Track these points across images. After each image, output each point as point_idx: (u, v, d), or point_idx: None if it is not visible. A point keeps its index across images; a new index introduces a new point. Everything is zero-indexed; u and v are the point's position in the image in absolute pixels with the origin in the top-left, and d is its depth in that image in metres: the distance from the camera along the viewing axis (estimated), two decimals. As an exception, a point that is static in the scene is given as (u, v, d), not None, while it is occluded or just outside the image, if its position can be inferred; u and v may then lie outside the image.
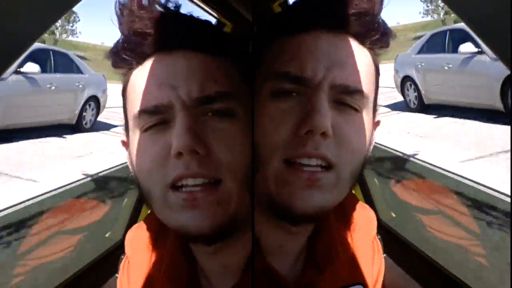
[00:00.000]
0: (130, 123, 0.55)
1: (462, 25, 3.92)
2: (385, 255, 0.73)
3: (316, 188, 0.49)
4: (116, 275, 0.70)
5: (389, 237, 0.85)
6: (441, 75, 4.29)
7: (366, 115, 0.55)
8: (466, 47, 4.07)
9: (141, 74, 0.54)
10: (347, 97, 0.52)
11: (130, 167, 0.58)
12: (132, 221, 0.90)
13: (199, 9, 0.82)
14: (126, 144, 0.59)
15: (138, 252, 0.63)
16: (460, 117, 4.03)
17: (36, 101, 3.86)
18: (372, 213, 0.71)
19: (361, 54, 0.55)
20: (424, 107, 4.44)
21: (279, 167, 0.50)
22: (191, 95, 0.50)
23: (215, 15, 0.91)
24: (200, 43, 0.54)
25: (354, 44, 0.55)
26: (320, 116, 0.48)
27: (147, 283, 0.60)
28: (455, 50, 4.18)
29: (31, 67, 3.79)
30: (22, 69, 3.74)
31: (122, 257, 0.69)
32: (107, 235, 0.86)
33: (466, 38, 4.03)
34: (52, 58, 3.89)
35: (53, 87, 3.85)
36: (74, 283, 0.81)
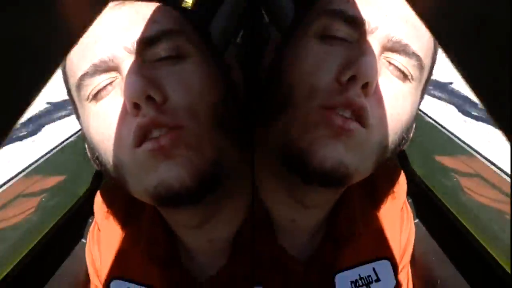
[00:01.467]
0: (77, 101, 0.45)
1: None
2: (417, 220, 0.63)
3: (343, 140, 0.41)
4: (83, 240, 0.62)
5: (422, 199, 0.69)
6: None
7: (415, 91, 0.44)
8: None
9: (77, 47, 0.38)
10: (403, 58, 0.42)
11: (92, 160, 0.48)
12: (99, 176, 0.71)
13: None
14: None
15: (110, 221, 0.57)
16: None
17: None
18: (402, 175, 0.61)
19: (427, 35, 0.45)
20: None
21: (312, 111, 0.42)
22: (132, 40, 0.42)
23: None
24: None
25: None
26: (368, 63, 0.40)
27: (122, 258, 0.55)
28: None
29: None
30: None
31: (90, 221, 0.60)
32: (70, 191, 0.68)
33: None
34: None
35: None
36: (37, 250, 0.60)
